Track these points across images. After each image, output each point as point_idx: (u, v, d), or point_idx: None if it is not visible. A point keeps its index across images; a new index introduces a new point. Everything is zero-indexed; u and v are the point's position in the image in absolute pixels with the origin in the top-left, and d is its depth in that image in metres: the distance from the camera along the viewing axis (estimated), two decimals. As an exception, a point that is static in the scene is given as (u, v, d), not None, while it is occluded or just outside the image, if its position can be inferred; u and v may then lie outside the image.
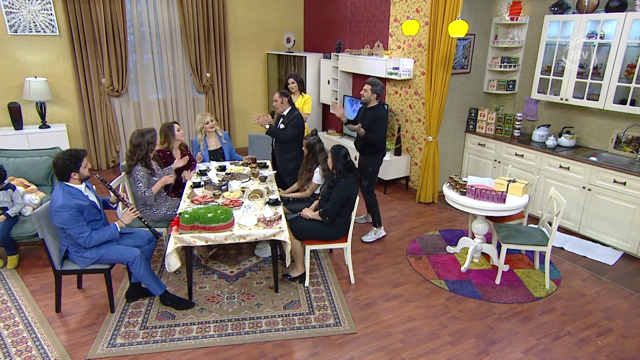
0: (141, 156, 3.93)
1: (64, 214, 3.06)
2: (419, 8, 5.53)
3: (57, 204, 3.07)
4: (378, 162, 4.62)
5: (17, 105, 5.94)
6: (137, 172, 3.91)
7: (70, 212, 3.07)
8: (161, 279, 3.90)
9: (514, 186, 3.92)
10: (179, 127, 4.46)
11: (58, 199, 3.09)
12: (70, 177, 3.17)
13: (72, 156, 3.15)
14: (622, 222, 4.41)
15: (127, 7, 6.46)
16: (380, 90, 4.43)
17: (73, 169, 3.15)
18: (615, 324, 3.46)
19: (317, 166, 4.25)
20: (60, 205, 3.06)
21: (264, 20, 7.75)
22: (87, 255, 3.28)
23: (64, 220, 3.08)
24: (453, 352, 3.14)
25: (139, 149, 3.92)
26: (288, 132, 4.62)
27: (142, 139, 3.93)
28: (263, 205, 3.82)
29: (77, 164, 3.16)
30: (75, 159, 3.16)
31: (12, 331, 3.26)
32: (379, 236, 4.74)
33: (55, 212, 3.08)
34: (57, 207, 3.07)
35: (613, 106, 4.51)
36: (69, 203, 3.07)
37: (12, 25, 5.89)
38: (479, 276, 4.07)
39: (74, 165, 3.15)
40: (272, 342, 3.19)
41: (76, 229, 3.11)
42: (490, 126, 5.68)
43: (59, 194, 3.12)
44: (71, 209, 3.07)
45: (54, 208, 3.08)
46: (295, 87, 5.43)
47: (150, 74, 6.99)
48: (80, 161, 3.18)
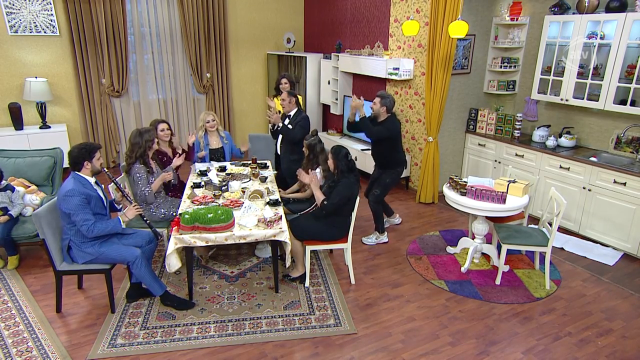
0: (139, 154, 3.97)
1: (73, 199, 3.14)
2: (419, 8, 5.53)
3: (67, 188, 3.17)
4: (398, 175, 4.66)
5: (18, 106, 5.95)
6: (135, 170, 3.95)
7: (79, 197, 3.16)
8: (161, 279, 3.91)
9: (514, 186, 3.92)
10: (163, 127, 4.45)
11: (69, 184, 3.19)
12: (83, 166, 3.29)
13: (87, 146, 3.33)
14: (622, 222, 4.41)
15: (127, 8, 6.47)
16: (390, 103, 4.40)
17: (87, 158, 3.28)
18: (615, 325, 3.46)
19: (317, 167, 4.25)
20: (70, 189, 3.15)
21: (264, 21, 7.75)
22: (88, 250, 3.31)
23: (72, 205, 3.14)
24: (453, 353, 3.14)
25: (137, 147, 3.97)
26: (297, 132, 4.62)
27: (141, 138, 3.98)
28: (263, 206, 3.82)
29: (91, 154, 3.31)
30: (90, 149, 3.32)
31: (12, 331, 3.26)
32: (380, 241, 4.73)
33: (64, 197, 3.15)
34: (67, 191, 3.15)
35: (613, 106, 4.51)
36: (78, 189, 3.18)
37: (12, 26, 5.89)
38: (479, 276, 4.07)
39: (88, 155, 3.28)
40: (273, 343, 3.19)
41: (81, 215, 3.17)
42: (490, 126, 5.69)
43: (70, 181, 3.22)
44: (80, 195, 3.17)
45: (64, 192, 3.16)
46: (287, 88, 5.43)
47: (151, 74, 6.99)
48: (94, 152, 3.33)
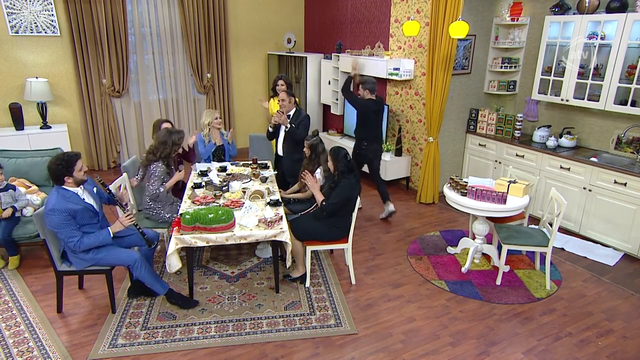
0: (165, 154, 3.93)
1: (54, 217, 3.04)
2: (419, 9, 5.53)
3: (48, 207, 3.07)
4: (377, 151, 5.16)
5: (19, 106, 5.95)
6: (156, 168, 3.90)
7: (60, 215, 3.04)
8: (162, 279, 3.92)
9: (515, 187, 3.92)
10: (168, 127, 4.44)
11: (50, 202, 3.08)
12: (65, 181, 3.13)
13: (64, 161, 3.08)
14: (623, 222, 4.41)
15: (128, 8, 6.47)
16: (372, 86, 4.98)
17: (65, 174, 3.09)
18: (616, 325, 3.46)
19: (318, 167, 4.25)
20: (50, 208, 3.05)
21: (264, 21, 7.76)
22: (84, 257, 3.27)
23: (54, 224, 3.07)
24: (454, 353, 3.14)
25: (164, 147, 3.92)
26: (301, 132, 4.64)
27: (169, 138, 3.94)
28: (264, 206, 3.83)
29: (70, 168, 3.09)
30: (68, 163, 3.08)
31: (13, 331, 3.26)
32: (390, 211, 5.12)
33: (46, 215, 3.07)
34: (48, 210, 3.06)
35: (614, 107, 4.51)
36: (59, 207, 3.04)
37: (13, 26, 5.90)
38: (479, 277, 4.07)
39: (66, 170, 3.08)
40: (273, 343, 3.20)
41: (66, 233, 3.09)
42: (490, 127, 5.69)
43: (52, 197, 3.10)
44: (62, 213, 3.04)
45: (46, 210, 3.08)
46: (284, 89, 5.43)
47: (151, 74, 7.00)
48: (72, 165, 3.10)
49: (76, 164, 3.13)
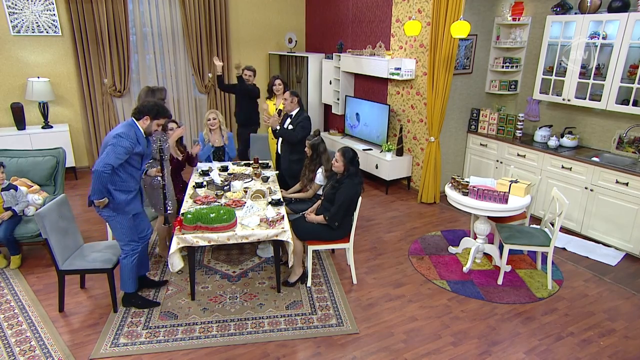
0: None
1: (118, 144, 3.09)
2: (421, 8, 5.53)
3: (118, 131, 3.15)
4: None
5: (20, 106, 5.96)
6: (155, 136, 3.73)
7: (122, 148, 3.10)
8: (164, 279, 3.94)
9: (516, 187, 3.92)
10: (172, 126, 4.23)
11: (122, 128, 3.17)
12: (143, 119, 3.24)
13: (160, 108, 3.28)
14: (625, 222, 4.40)
15: (129, 8, 6.48)
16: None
17: (150, 116, 3.24)
18: (617, 325, 3.46)
19: (319, 167, 4.25)
20: (120, 132, 3.13)
21: (266, 21, 7.76)
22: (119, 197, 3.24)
23: (112, 143, 3.09)
24: (455, 353, 3.14)
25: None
26: (298, 133, 4.57)
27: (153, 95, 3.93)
28: (265, 206, 3.83)
29: (157, 116, 3.27)
30: (160, 112, 3.27)
31: (15, 331, 3.27)
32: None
33: (113, 137, 3.12)
34: (117, 134, 3.13)
35: (615, 107, 4.51)
36: (125, 143, 3.11)
37: (15, 26, 5.91)
38: (481, 276, 4.07)
39: (154, 114, 3.25)
40: (275, 342, 3.20)
41: (110, 157, 3.07)
42: (492, 126, 5.68)
43: (126, 127, 3.20)
44: (124, 147, 3.10)
45: (115, 133, 3.14)
46: (281, 89, 5.43)
47: (153, 74, 7.00)
48: (160, 117, 3.28)
49: (161, 120, 3.31)
